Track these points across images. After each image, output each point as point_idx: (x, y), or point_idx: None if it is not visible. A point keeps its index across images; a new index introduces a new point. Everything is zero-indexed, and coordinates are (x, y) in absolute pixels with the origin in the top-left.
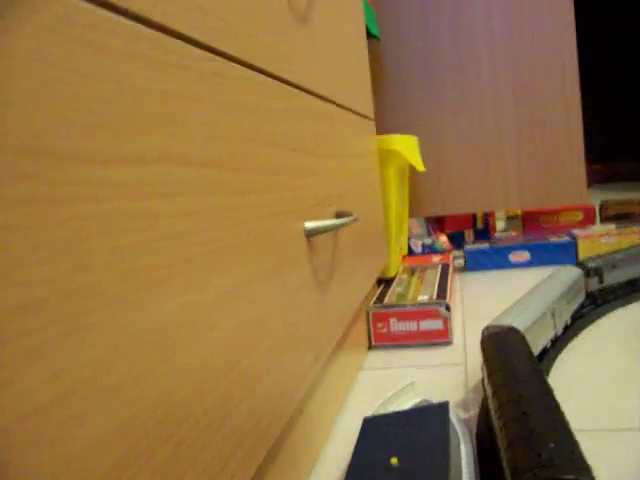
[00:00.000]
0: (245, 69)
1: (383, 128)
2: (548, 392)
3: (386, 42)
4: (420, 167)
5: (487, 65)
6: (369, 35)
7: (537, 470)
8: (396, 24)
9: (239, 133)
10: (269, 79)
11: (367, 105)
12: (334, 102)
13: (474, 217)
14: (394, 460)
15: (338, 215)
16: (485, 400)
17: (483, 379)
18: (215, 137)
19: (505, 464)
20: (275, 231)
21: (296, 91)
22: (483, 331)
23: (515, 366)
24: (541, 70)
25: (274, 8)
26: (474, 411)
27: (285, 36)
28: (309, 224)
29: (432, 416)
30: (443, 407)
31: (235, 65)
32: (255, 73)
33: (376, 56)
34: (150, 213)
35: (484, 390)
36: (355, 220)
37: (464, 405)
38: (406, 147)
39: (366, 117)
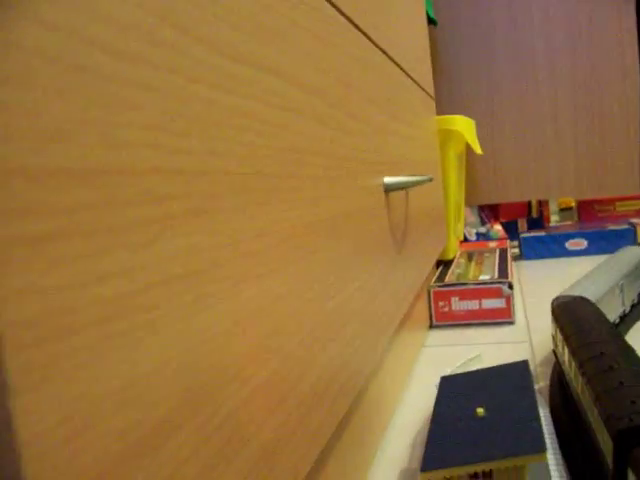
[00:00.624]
0: (346, 21)
1: (438, 112)
2: (630, 348)
3: (441, 27)
4: (478, 150)
5: (543, 52)
6: (427, 20)
7: (633, 416)
8: (451, 8)
9: (341, 76)
10: (363, 36)
11: (429, 83)
12: (405, 71)
13: (529, 206)
14: (480, 410)
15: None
16: (557, 367)
17: (555, 348)
18: (323, 71)
19: (594, 417)
20: (359, 177)
21: (379, 52)
22: (553, 302)
23: (593, 327)
24: (600, 59)
25: None
26: (544, 383)
27: None
28: (388, 179)
29: (513, 373)
30: (523, 364)
31: (340, 16)
32: (352, 26)
33: (432, 41)
34: (263, 118)
35: (556, 358)
36: (429, 180)
37: (534, 377)
38: (466, 128)
39: (429, 95)
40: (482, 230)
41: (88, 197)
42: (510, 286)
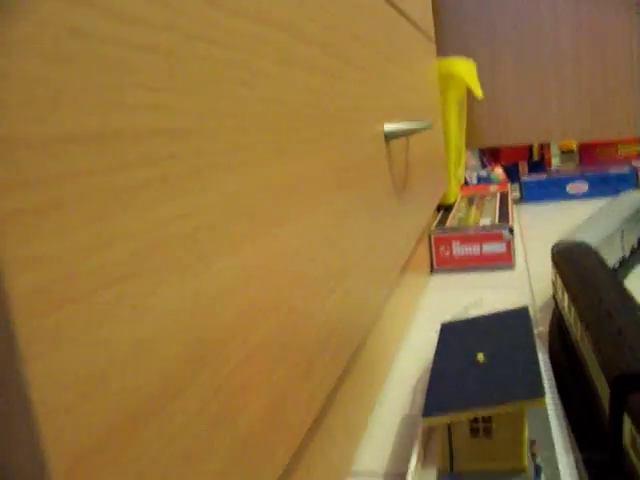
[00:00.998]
0: None
1: (439, 54)
2: (629, 296)
3: None
4: (479, 93)
5: None
6: None
7: (630, 362)
8: None
9: (337, 22)
10: None
11: (430, 26)
12: (404, 14)
13: (530, 150)
14: (480, 357)
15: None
16: (557, 313)
17: (555, 294)
18: (318, 18)
19: (592, 364)
20: (359, 126)
21: None
22: (553, 247)
23: (592, 274)
24: (604, 1)
25: None
26: (543, 327)
27: None
28: (388, 126)
29: (513, 319)
30: (523, 311)
31: None
32: None
33: None
34: (257, 69)
35: (556, 303)
36: (429, 127)
37: (534, 323)
38: (467, 72)
39: (429, 38)
40: (483, 174)
41: (89, 163)
42: (511, 230)
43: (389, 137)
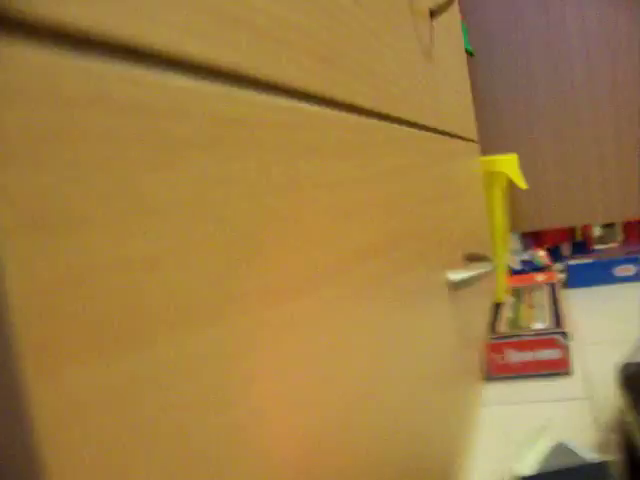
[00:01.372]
0: (406, 128)
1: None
2: None
3: (477, 57)
4: (523, 185)
5: (583, 77)
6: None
7: None
8: (486, 38)
9: (406, 181)
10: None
11: (472, 128)
12: (450, 134)
13: (572, 230)
14: None
15: (470, 259)
16: (625, 443)
17: (623, 424)
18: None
19: None
20: (422, 282)
21: (435, 135)
22: (621, 370)
23: None
24: None
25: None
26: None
27: (415, 76)
28: (453, 276)
29: (594, 473)
30: (603, 467)
31: (400, 126)
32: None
33: (469, 72)
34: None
35: (626, 434)
36: (495, 267)
37: (599, 447)
38: (509, 167)
39: (472, 140)
40: (526, 257)
41: None
42: (566, 336)
43: (455, 287)
